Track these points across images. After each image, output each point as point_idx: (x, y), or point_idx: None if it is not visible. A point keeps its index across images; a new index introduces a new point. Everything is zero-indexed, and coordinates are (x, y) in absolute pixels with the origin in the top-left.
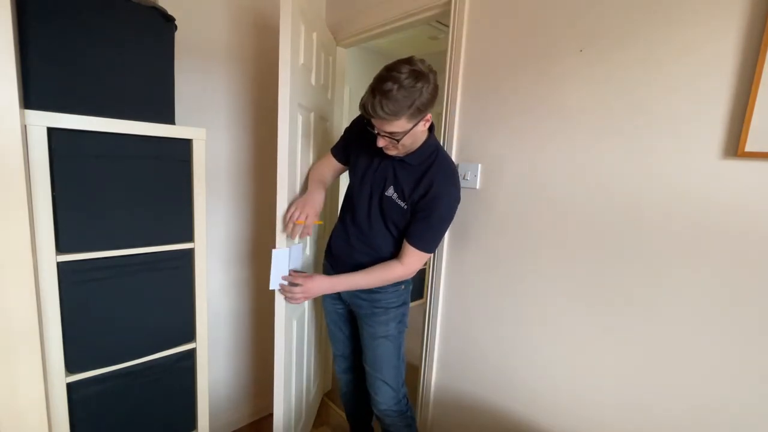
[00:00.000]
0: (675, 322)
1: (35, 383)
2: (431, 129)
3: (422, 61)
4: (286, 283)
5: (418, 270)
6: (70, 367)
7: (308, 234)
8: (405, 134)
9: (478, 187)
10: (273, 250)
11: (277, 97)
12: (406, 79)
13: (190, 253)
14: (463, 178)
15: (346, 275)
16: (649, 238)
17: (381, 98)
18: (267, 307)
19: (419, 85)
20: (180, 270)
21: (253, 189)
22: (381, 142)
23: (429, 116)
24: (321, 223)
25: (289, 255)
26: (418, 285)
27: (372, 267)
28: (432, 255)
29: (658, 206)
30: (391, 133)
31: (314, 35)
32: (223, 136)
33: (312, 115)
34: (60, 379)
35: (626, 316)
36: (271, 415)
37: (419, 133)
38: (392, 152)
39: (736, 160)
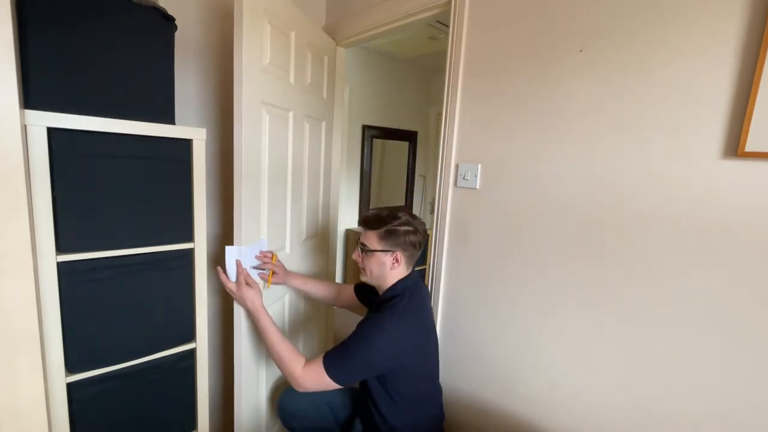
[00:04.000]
0: (675, 323)
1: (35, 383)
2: (405, 284)
3: (423, 224)
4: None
5: (309, 389)
6: (70, 367)
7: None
8: (371, 252)
9: (478, 187)
10: (226, 247)
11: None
12: (399, 213)
13: (190, 253)
14: (463, 178)
15: (272, 327)
16: (649, 238)
17: (374, 213)
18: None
19: (403, 219)
20: (180, 270)
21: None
22: (355, 254)
23: (398, 256)
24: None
25: (240, 252)
26: None
27: (289, 346)
28: (332, 382)
29: (658, 206)
30: (363, 244)
31: (292, 35)
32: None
33: (291, 114)
34: (60, 379)
35: (627, 316)
36: None
37: (386, 267)
38: (363, 275)
39: (736, 160)
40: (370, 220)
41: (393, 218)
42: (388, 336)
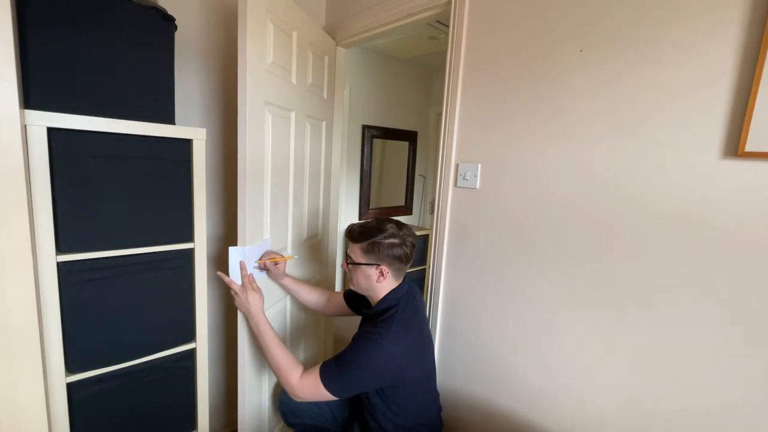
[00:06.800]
0: (676, 323)
1: (35, 383)
2: (398, 295)
3: (412, 235)
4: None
5: (305, 399)
6: (70, 367)
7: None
8: (356, 265)
9: (478, 187)
10: (230, 248)
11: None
12: (386, 224)
13: (190, 253)
14: (463, 178)
15: (271, 333)
16: (650, 239)
17: (359, 225)
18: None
19: (389, 232)
20: (180, 270)
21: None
22: (343, 264)
23: (383, 270)
24: (284, 259)
25: (245, 252)
26: (418, 285)
27: (287, 353)
28: (328, 394)
29: (657, 206)
30: (348, 256)
31: (294, 34)
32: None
33: (293, 114)
34: (60, 379)
35: (627, 316)
36: None
37: (372, 280)
38: (352, 285)
39: (736, 160)
40: (354, 232)
41: (378, 231)
42: (385, 353)
